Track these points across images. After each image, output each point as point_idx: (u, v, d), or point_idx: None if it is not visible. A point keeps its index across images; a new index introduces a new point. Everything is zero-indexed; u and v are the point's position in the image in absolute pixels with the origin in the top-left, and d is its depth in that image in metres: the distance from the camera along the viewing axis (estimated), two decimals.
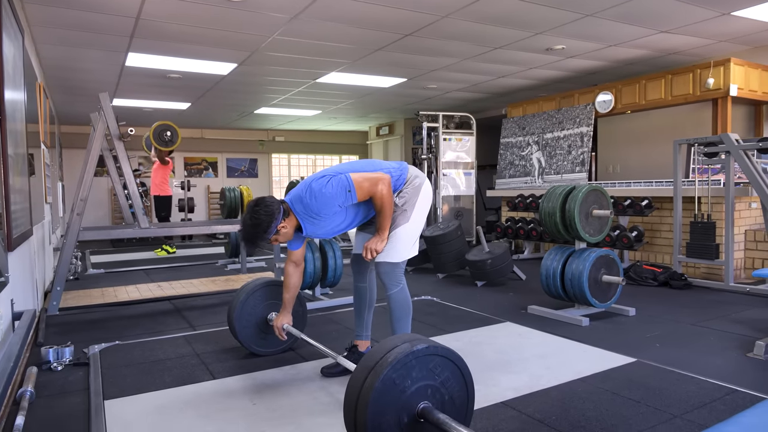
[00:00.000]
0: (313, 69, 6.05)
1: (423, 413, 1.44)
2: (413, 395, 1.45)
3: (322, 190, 2.13)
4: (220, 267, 6.15)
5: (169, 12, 4.06)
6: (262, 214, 2.12)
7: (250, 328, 2.70)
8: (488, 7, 4.10)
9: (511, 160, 7.30)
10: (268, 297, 2.72)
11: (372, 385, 1.39)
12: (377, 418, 1.39)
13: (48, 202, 4.91)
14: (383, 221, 2.21)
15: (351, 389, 1.46)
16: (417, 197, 2.31)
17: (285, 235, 2.22)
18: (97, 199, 10.21)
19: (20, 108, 2.92)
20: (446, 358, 1.51)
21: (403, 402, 1.43)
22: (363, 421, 1.38)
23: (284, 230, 2.20)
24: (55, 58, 5.25)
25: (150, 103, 7.97)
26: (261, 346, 2.74)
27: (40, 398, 2.24)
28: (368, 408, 1.37)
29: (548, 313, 3.55)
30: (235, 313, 2.66)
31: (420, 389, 1.46)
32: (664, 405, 2.07)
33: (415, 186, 2.32)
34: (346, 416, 1.46)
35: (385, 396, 1.40)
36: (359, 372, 1.47)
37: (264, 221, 2.12)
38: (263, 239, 2.15)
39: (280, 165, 12.62)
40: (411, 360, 1.45)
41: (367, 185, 2.16)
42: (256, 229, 2.12)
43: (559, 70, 6.36)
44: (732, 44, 5.35)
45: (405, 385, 1.43)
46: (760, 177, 4.07)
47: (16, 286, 2.69)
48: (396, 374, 1.41)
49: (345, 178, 2.16)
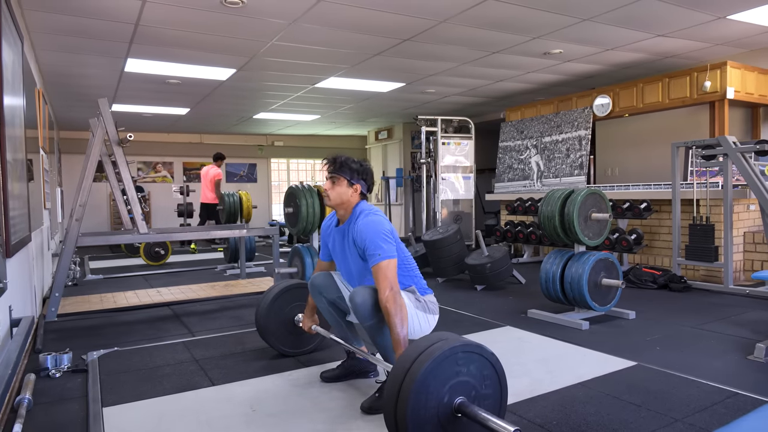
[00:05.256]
0: (312, 74, 6.07)
1: (460, 408, 1.50)
2: (449, 392, 1.51)
3: (377, 219, 2.15)
4: (219, 272, 6.13)
5: (168, 18, 4.07)
6: (364, 165, 2.24)
7: (280, 330, 2.76)
8: (485, 12, 4.12)
9: (510, 164, 7.31)
10: (293, 299, 2.77)
11: (410, 386, 1.45)
12: (416, 417, 1.45)
13: (47, 208, 4.91)
14: (393, 332, 2.02)
15: (390, 390, 1.52)
16: (432, 315, 2.27)
17: (339, 196, 2.20)
18: (96, 204, 10.19)
19: (19, 114, 2.92)
20: (478, 354, 1.57)
21: (439, 399, 1.49)
22: (403, 421, 1.44)
23: (346, 191, 2.19)
24: (54, 64, 5.26)
25: (149, 109, 7.98)
26: (290, 347, 2.81)
27: (37, 405, 2.23)
28: (408, 408, 1.44)
29: (548, 316, 3.55)
30: (262, 317, 2.73)
31: (455, 386, 1.52)
32: (666, 409, 2.06)
33: (434, 308, 2.29)
34: (386, 416, 1.52)
35: (422, 395, 1.46)
36: (396, 373, 1.52)
37: (352, 164, 2.21)
38: (340, 168, 2.20)
39: (279, 170, 12.62)
40: (446, 358, 1.50)
41: (383, 276, 2.03)
42: (348, 159, 2.22)
43: (557, 74, 6.38)
44: (728, 47, 5.37)
45: (441, 383, 1.50)
46: (757, 179, 4.07)
47: (14, 293, 2.69)
48: (432, 373, 1.48)
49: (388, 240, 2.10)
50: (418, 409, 1.45)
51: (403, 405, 1.45)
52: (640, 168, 6.65)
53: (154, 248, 6.80)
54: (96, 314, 3.82)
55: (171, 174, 11.31)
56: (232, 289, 4.38)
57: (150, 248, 6.78)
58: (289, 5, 3.90)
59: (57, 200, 6.73)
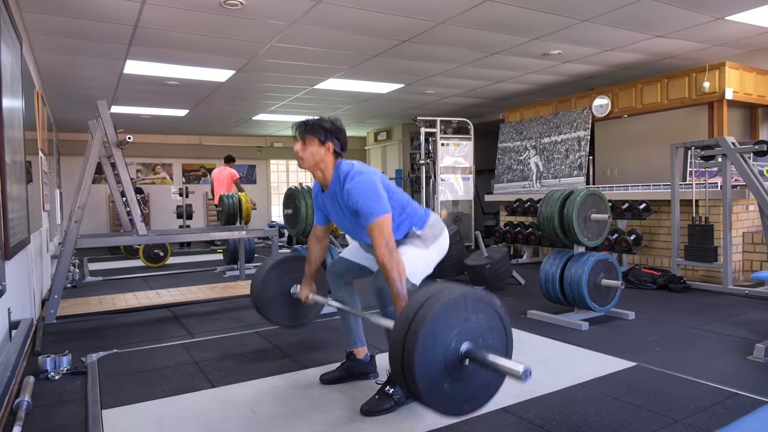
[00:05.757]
0: (311, 75, 6.07)
1: (467, 354, 1.50)
2: (456, 337, 1.50)
3: (364, 178, 2.10)
4: (219, 274, 6.13)
5: (167, 19, 4.07)
6: (335, 123, 2.17)
7: (276, 302, 2.65)
8: (484, 13, 4.12)
9: (509, 165, 7.31)
10: (290, 271, 2.67)
11: (418, 327, 1.44)
12: (423, 361, 1.44)
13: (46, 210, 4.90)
14: (392, 287, 1.99)
15: (397, 334, 1.50)
16: (436, 240, 2.24)
17: (312, 156, 2.14)
18: (95, 206, 10.19)
19: (18, 116, 2.92)
20: (487, 305, 1.57)
21: (447, 344, 1.48)
22: (410, 365, 1.43)
23: (318, 151, 2.13)
24: (53, 65, 5.25)
25: (148, 110, 7.98)
26: (287, 320, 2.71)
27: (37, 408, 2.22)
28: (415, 351, 1.42)
29: (548, 317, 3.55)
30: (258, 290, 2.61)
31: (462, 332, 1.50)
32: (665, 409, 2.06)
33: (436, 230, 2.26)
34: (392, 360, 1.51)
35: (429, 338, 1.45)
36: (401, 322, 1.51)
37: (323, 123, 2.14)
38: (311, 128, 2.13)
39: (278, 171, 12.61)
40: (455, 303, 1.49)
41: (378, 233, 2.01)
42: (319, 119, 2.15)
43: (556, 75, 6.39)
44: (727, 48, 5.38)
45: (449, 328, 1.48)
46: (756, 179, 4.08)
47: (13, 295, 2.68)
48: (440, 317, 1.46)
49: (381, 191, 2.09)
50: (425, 353, 1.44)
51: (410, 346, 1.43)
52: (639, 168, 6.65)
53: (154, 250, 6.80)
54: (95, 316, 3.82)
55: (170, 175, 11.30)
56: (232, 291, 4.38)
57: (149, 250, 6.78)
58: (288, 7, 3.90)
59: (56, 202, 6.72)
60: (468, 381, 1.52)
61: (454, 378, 1.49)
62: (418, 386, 1.43)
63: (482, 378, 1.53)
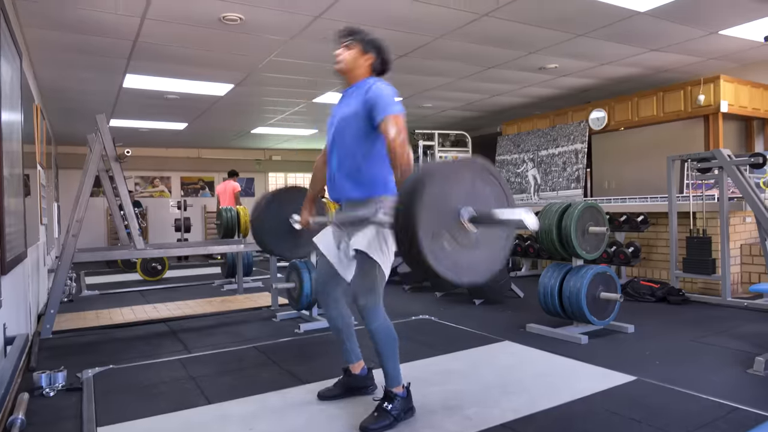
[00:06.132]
0: (310, 89, 6.11)
1: (473, 218, 1.59)
2: (456, 201, 1.58)
3: (393, 89, 2.11)
4: (217, 288, 6.10)
5: (166, 34, 4.10)
6: (383, 42, 2.24)
7: (276, 231, 2.61)
8: (481, 28, 4.17)
9: (507, 178, 7.34)
10: (290, 201, 2.63)
11: (425, 179, 1.53)
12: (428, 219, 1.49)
13: (43, 224, 4.89)
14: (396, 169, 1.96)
15: (405, 192, 1.55)
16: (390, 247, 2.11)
17: (353, 60, 2.19)
18: (93, 219, 10.17)
19: (17, 129, 2.93)
20: (495, 178, 1.68)
21: (452, 207, 1.57)
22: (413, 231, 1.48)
23: (358, 57, 2.19)
24: (53, 79, 5.28)
25: (147, 124, 8.01)
26: (287, 250, 2.70)
27: (31, 426, 2.19)
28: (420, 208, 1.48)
29: (547, 331, 3.53)
30: (258, 218, 2.58)
31: (469, 197, 1.60)
32: (666, 424, 2.05)
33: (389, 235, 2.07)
34: (396, 221, 1.55)
35: (435, 197, 1.52)
36: (419, 174, 1.59)
37: (372, 35, 2.20)
38: (358, 34, 2.20)
39: (277, 184, 12.64)
40: (467, 167, 1.63)
41: (394, 122, 1.99)
42: (367, 32, 2.22)
43: (553, 88, 6.44)
44: (721, 62, 5.44)
45: (447, 195, 1.57)
46: (753, 192, 4.10)
47: (9, 310, 2.66)
48: (448, 178, 1.58)
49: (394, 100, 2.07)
50: (430, 209, 1.50)
51: (417, 199, 1.48)
52: (637, 181, 6.68)
53: (151, 263, 6.77)
54: (92, 331, 3.79)
55: (169, 188, 11.31)
56: (230, 305, 4.36)
57: (147, 263, 6.75)
58: (286, 22, 3.94)
59: (54, 215, 6.71)
60: (471, 250, 1.62)
61: (458, 241, 1.58)
62: (420, 239, 1.48)
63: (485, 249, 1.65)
